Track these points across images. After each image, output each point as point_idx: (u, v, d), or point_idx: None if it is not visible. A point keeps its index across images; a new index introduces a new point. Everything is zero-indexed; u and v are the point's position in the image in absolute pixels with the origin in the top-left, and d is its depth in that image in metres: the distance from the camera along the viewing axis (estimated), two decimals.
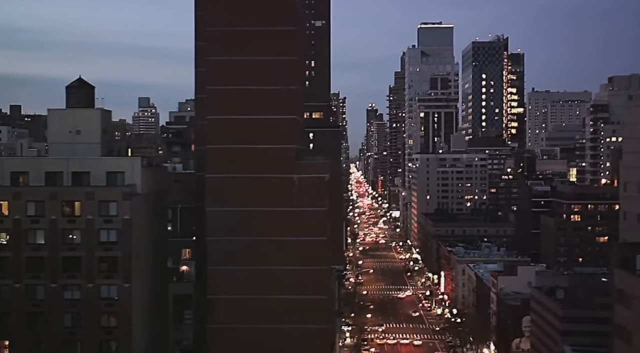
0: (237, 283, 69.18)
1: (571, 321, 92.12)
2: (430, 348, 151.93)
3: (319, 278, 69.74)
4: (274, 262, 69.04)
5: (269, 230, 69.14)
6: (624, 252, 73.80)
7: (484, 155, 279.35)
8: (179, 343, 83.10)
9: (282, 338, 68.84)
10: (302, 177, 69.29)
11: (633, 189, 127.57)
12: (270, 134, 69.13)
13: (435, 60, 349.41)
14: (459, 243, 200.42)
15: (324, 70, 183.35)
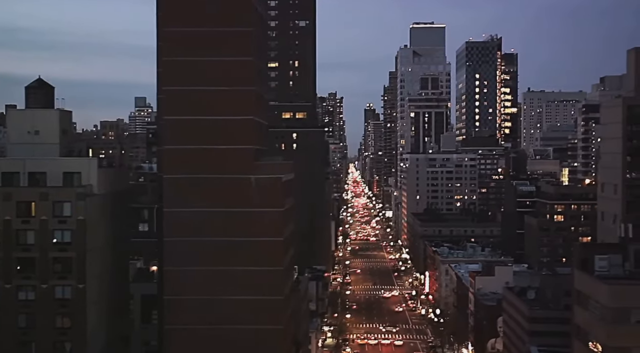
0: (193, 284, 69.14)
1: (538, 321, 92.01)
2: (411, 348, 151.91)
3: (275, 279, 69.67)
4: (230, 263, 69.03)
5: (226, 231, 69.12)
6: (583, 252, 73.79)
7: (474, 155, 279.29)
8: (146, 344, 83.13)
9: (237, 339, 68.85)
10: (260, 178, 69.21)
11: (610, 190, 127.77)
12: (226, 134, 69.10)
13: (427, 60, 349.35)
14: (445, 243, 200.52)
15: (308, 70, 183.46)
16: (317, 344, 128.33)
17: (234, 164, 69.12)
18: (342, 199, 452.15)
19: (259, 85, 73.13)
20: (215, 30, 69.19)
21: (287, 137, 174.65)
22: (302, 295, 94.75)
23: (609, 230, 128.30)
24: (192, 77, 69.48)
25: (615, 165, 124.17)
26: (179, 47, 69.54)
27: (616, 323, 65.03)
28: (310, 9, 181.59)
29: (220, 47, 69.20)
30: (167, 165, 70.59)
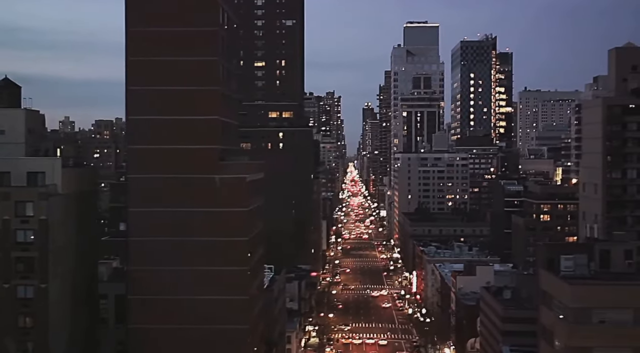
0: (158, 283, 69.38)
1: (512, 321, 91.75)
2: (395, 347, 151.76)
3: (240, 278, 69.81)
4: (195, 263, 69.24)
5: (190, 231, 69.35)
6: (549, 252, 73.81)
7: (465, 155, 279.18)
8: (121, 343, 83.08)
9: (203, 339, 69.04)
10: (224, 178, 69.29)
11: (590, 190, 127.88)
12: (191, 134, 69.29)
13: (421, 59, 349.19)
14: (434, 243, 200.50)
15: (295, 70, 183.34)
16: (298, 343, 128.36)
17: (198, 163, 69.30)
18: (337, 198, 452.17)
19: (226, 85, 73.14)
20: (180, 31, 69.44)
21: (274, 137, 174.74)
22: (275, 295, 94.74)
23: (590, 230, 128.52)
24: (157, 77, 69.69)
25: (596, 165, 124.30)
26: (144, 47, 69.74)
27: (578, 323, 64.96)
28: (297, 8, 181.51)
29: (185, 47, 69.39)
30: (132, 164, 70.76)
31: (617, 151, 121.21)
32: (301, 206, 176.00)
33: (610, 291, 65.70)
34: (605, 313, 64.93)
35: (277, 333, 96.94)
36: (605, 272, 70.82)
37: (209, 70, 69.52)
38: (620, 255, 71.64)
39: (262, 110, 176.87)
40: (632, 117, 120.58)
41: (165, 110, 69.29)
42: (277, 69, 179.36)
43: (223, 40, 72.73)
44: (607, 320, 64.93)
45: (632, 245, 74.06)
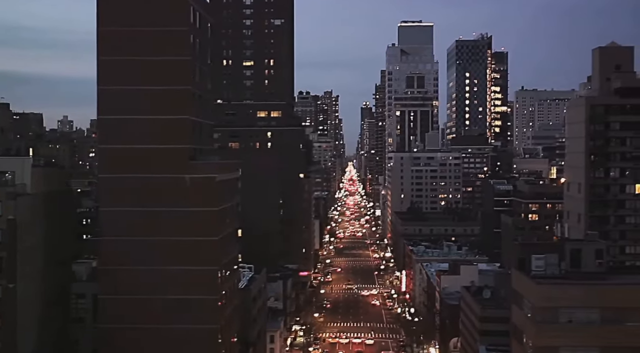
0: (128, 283, 69.37)
1: (488, 321, 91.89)
2: (381, 347, 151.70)
3: (210, 278, 69.87)
4: (165, 262, 69.30)
5: (160, 230, 69.36)
6: (520, 252, 73.88)
7: (458, 154, 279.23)
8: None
9: (172, 339, 69.05)
10: (194, 177, 69.32)
11: (574, 189, 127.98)
12: (161, 134, 69.27)
13: (415, 58, 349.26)
14: (424, 242, 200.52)
15: (284, 69, 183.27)
16: (282, 343, 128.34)
17: (168, 163, 69.32)
18: (333, 198, 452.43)
19: (199, 85, 73.14)
20: (150, 30, 69.40)
21: (262, 136, 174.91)
22: (254, 294, 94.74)
23: (574, 230, 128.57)
24: (128, 76, 69.71)
25: (579, 165, 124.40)
26: (115, 46, 69.72)
27: (545, 322, 65.11)
28: (285, 8, 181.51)
29: (155, 47, 69.42)
30: (102, 164, 70.85)
31: (600, 150, 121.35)
32: (290, 205, 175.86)
33: (577, 290, 65.80)
34: (572, 313, 65.08)
35: (256, 332, 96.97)
36: (575, 272, 70.95)
37: (180, 70, 69.52)
38: (591, 254, 71.74)
39: (251, 110, 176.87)
40: (615, 117, 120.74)
41: (136, 110, 69.30)
42: (266, 68, 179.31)
43: (195, 40, 72.69)
44: (574, 319, 65.08)
45: (602, 245, 74.15)
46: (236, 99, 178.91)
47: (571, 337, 64.69)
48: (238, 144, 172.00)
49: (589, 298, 65.33)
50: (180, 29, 69.41)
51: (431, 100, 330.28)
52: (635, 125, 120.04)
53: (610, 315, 64.63)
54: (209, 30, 79.73)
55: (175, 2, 69.73)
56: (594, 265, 71.63)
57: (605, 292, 65.57)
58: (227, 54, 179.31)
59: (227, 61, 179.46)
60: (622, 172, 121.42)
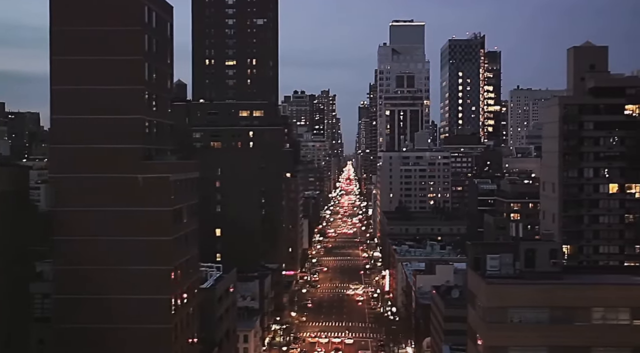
0: (81, 283, 69.41)
1: (453, 320, 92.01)
2: (361, 346, 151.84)
3: (163, 278, 69.91)
4: (118, 262, 69.30)
5: (114, 230, 69.35)
6: (476, 252, 73.87)
7: (447, 154, 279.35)
8: None
9: (125, 339, 69.12)
10: (148, 177, 69.37)
11: (549, 188, 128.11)
12: (114, 133, 69.31)
13: (406, 58, 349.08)
14: (410, 241, 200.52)
15: (267, 68, 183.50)
16: (258, 342, 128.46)
17: (121, 162, 69.32)
18: (326, 197, 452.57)
19: (153, 84, 73.14)
20: (103, 30, 69.38)
21: (244, 135, 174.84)
22: (219, 294, 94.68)
23: (549, 229, 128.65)
24: (81, 76, 69.68)
25: (553, 164, 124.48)
26: (68, 46, 69.76)
27: (494, 322, 65.08)
28: (268, 7, 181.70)
29: (108, 46, 69.39)
30: (55, 164, 70.90)
31: (574, 150, 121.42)
32: (273, 205, 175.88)
33: (526, 290, 65.75)
34: (521, 313, 65.07)
35: (222, 332, 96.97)
36: (530, 272, 70.87)
37: (133, 70, 69.52)
38: (545, 254, 71.56)
39: (233, 109, 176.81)
40: (589, 117, 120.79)
41: (89, 110, 69.30)
42: (249, 68, 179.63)
43: (151, 39, 72.73)
44: (523, 319, 65.07)
45: (557, 245, 74.23)
46: (219, 98, 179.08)
47: (520, 337, 64.63)
48: (220, 144, 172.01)
49: (538, 298, 65.25)
50: (132, 29, 69.39)
51: (421, 99, 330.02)
52: (609, 125, 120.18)
53: (559, 315, 64.60)
54: (169, 30, 79.61)
55: (128, 1, 69.66)
56: (549, 265, 71.48)
57: (554, 291, 65.48)
58: (210, 53, 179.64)
59: (209, 61, 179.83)
60: (596, 171, 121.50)
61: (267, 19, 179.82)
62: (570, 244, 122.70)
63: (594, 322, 64.48)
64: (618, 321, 64.43)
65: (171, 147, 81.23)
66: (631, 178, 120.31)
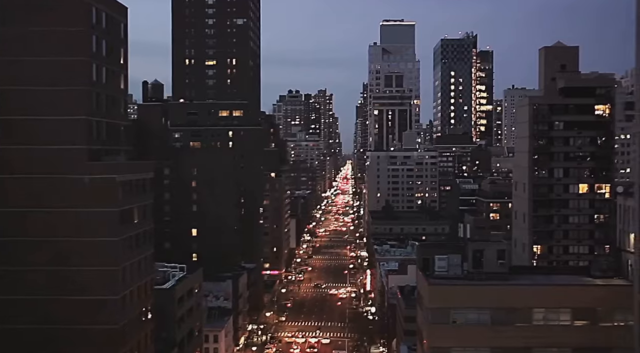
0: (24, 285, 69.40)
1: (413, 321, 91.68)
2: (337, 346, 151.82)
3: (109, 278, 69.93)
4: (63, 263, 69.31)
5: (60, 231, 69.36)
6: (424, 252, 73.91)
7: (434, 153, 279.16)
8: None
9: (70, 340, 69.14)
10: (94, 178, 69.39)
11: (520, 188, 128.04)
12: (58, 134, 69.31)
13: (397, 57, 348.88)
14: (393, 241, 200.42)
15: (247, 68, 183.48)
16: (228, 342, 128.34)
17: (66, 163, 69.32)
18: (319, 196, 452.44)
19: (102, 85, 73.16)
20: (49, 30, 69.35)
21: (223, 135, 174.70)
22: (179, 294, 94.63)
23: (520, 230, 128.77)
24: (25, 77, 69.64)
25: (524, 164, 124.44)
26: (12, 46, 69.70)
27: (437, 323, 65.14)
28: (248, 7, 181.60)
29: (53, 47, 69.37)
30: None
31: (544, 150, 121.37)
32: (253, 204, 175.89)
33: (468, 291, 65.79)
34: (463, 314, 65.10)
35: (184, 332, 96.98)
36: (477, 272, 70.88)
37: (78, 71, 69.50)
38: (493, 255, 71.60)
39: (213, 109, 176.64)
40: (559, 117, 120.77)
41: (33, 110, 69.30)
42: (228, 68, 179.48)
43: (100, 40, 72.75)
44: (465, 320, 65.10)
45: (504, 246, 74.16)
46: (199, 98, 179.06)
47: (462, 338, 64.72)
48: (200, 144, 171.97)
49: (480, 299, 65.37)
50: (77, 30, 69.32)
51: (410, 99, 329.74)
52: (579, 125, 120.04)
53: (500, 316, 64.68)
54: (123, 30, 79.54)
55: (74, 3, 69.62)
56: (496, 266, 71.52)
57: (495, 292, 65.59)
58: (190, 53, 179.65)
59: (189, 60, 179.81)
60: (566, 171, 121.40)
61: (247, 18, 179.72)
62: (540, 244, 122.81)
63: (535, 323, 64.59)
64: (559, 322, 64.52)
65: (126, 148, 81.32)
66: (601, 179, 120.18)
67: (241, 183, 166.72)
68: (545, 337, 63.90)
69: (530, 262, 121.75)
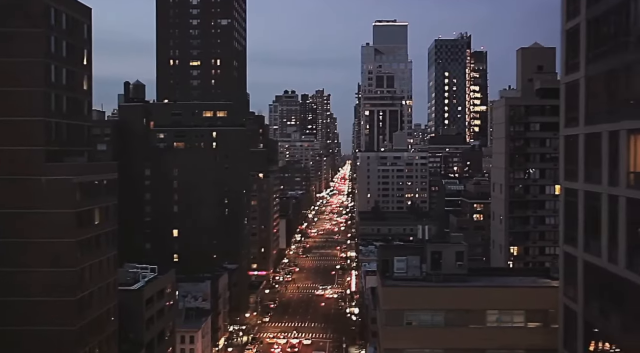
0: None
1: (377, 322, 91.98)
2: (319, 347, 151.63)
3: (66, 280, 69.86)
4: (20, 264, 69.25)
5: (16, 232, 69.31)
6: (384, 254, 73.75)
7: (425, 154, 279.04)
8: None
9: (27, 341, 69.01)
10: (50, 179, 69.33)
11: (497, 190, 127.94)
12: (13, 135, 69.24)
13: (389, 58, 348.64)
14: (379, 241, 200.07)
15: (232, 69, 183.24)
16: (205, 343, 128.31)
17: (22, 164, 69.27)
18: (313, 196, 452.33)
19: (59, 86, 73.05)
20: (2, 31, 69.26)
21: (207, 136, 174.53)
22: (148, 295, 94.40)
23: (497, 231, 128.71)
24: None
25: (501, 165, 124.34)
26: None
27: (390, 325, 64.92)
28: (232, 7, 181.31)
29: (8, 47, 69.30)
30: None
31: (520, 151, 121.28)
32: (237, 205, 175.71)
33: (422, 293, 65.54)
34: (417, 315, 64.88)
35: (154, 333, 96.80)
36: (436, 274, 70.72)
37: (34, 72, 69.45)
38: (451, 256, 71.44)
39: (197, 110, 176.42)
40: (535, 118, 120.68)
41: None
42: (213, 68, 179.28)
43: (59, 41, 72.69)
44: (419, 321, 64.88)
45: (463, 247, 73.87)
46: (184, 98, 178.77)
47: (416, 340, 64.42)
48: (183, 144, 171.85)
49: (434, 301, 65.04)
50: (32, 31, 69.25)
51: (400, 99, 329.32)
52: (555, 126, 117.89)
53: (454, 318, 64.39)
54: (86, 31, 79.46)
55: (31, 3, 69.55)
56: (454, 267, 71.37)
57: (449, 294, 65.29)
58: (174, 53, 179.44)
59: (174, 61, 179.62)
60: (542, 172, 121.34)
61: (231, 19, 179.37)
62: (516, 245, 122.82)
63: (489, 325, 64.32)
64: (513, 324, 64.27)
65: (90, 149, 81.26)
66: None
67: (225, 184, 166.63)
68: (498, 339, 63.60)
69: (506, 263, 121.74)
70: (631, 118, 30.77)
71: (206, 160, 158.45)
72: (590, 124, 36.28)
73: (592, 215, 36.24)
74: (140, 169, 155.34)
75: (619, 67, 32.43)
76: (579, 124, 38.10)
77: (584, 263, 37.59)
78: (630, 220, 30.98)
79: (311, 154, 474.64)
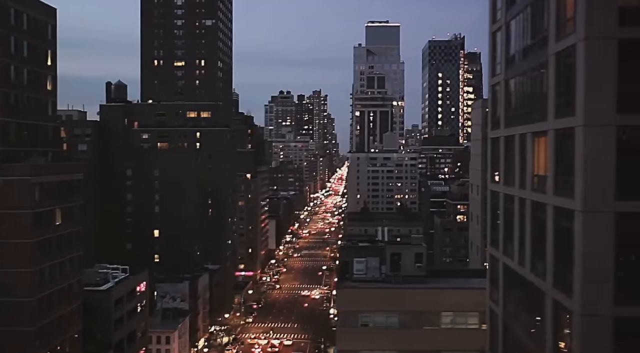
0: None
1: None
2: (300, 347, 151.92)
3: (22, 280, 69.82)
4: None
5: None
6: (344, 255, 73.75)
7: (415, 155, 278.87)
8: None
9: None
10: (7, 179, 69.28)
11: (475, 191, 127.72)
12: None
13: (381, 59, 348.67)
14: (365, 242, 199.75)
15: (216, 69, 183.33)
16: (182, 344, 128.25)
17: None
18: (307, 197, 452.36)
19: (18, 86, 73.05)
20: None
21: (191, 136, 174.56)
22: (116, 296, 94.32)
23: (475, 232, 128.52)
24: None
25: (477, 167, 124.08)
26: None
27: (345, 326, 64.99)
28: (217, 7, 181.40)
29: None
30: None
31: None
32: (221, 205, 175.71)
33: (376, 295, 65.55)
34: (372, 317, 64.91)
35: (123, 334, 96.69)
36: (395, 276, 70.72)
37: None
38: (410, 258, 71.56)
39: (181, 110, 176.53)
40: None
41: None
42: (197, 69, 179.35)
43: (20, 42, 72.68)
44: (374, 323, 64.91)
45: (422, 249, 74.02)
46: (168, 99, 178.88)
47: (370, 341, 64.50)
48: (167, 144, 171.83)
49: (389, 303, 65.10)
50: None
51: (391, 100, 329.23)
52: None
53: (408, 319, 64.47)
54: (50, 32, 79.44)
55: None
56: (414, 269, 71.47)
57: (403, 296, 65.33)
58: (159, 53, 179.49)
59: (158, 61, 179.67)
60: None
61: (216, 19, 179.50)
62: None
63: (443, 326, 64.38)
64: (467, 325, 64.30)
65: (54, 149, 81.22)
66: None
67: (209, 184, 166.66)
68: (452, 341, 63.66)
69: (482, 264, 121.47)
70: (534, 122, 30.79)
71: (189, 160, 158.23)
72: (508, 126, 36.32)
73: (508, 218, 36.28)
74: (121, 169, 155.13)
75: (526, 70, 32.46)
76: (500, 126, 38.14)
77: (503, 266, 37.62)
78: (534, 222, 30.97)
79: (305, 155, 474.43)
